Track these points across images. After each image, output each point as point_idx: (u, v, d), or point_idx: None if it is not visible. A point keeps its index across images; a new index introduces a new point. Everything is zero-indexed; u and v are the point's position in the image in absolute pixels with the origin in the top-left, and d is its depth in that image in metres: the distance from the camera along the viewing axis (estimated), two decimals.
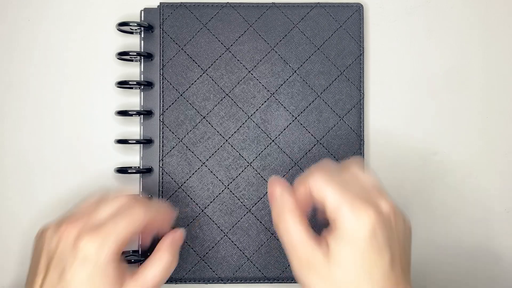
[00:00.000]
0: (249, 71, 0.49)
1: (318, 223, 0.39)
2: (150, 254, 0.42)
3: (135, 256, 0.48)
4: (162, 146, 0.48)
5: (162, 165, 0.48)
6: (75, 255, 0.38)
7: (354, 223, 0.36)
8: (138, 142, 0.48)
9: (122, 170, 0.48)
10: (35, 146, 0.50)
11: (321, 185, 0.38)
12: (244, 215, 0.48)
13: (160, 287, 0.41)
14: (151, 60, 0.49)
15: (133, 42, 0.50)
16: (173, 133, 0.48)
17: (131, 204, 0.41)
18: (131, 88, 0.49)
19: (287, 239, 0.38)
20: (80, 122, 0.50)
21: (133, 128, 0.50)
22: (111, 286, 0.38)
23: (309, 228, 0.38)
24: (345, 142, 0.49)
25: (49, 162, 0.50)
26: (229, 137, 0.49)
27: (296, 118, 0.49)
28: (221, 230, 0.48)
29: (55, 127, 0.50)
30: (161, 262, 0.41)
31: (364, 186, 0.39)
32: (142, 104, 0.49)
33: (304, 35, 0.49)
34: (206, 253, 0.48)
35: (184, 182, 0.48)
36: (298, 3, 0.49)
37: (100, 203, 0.42)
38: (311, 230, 0.38)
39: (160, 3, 0.49)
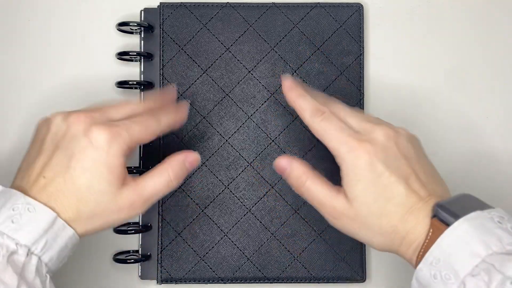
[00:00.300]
0: (249, 71, 0.49)
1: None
2: None
3: (135, 256, 0.48)
4: (162, 146, 0.48)
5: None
6: (86, 142, 0.38)
7: (352, 161, 0.38)
8: None
9: None
10: None
11: (324, 130, 0.40)
12: (244, 215, 0.48)
13: (156, 200, 0.41)
14: (151, 60, 0.49)
15: (133, 42, 0.50)
16: (173, 133, 0.48)
17: (144, 113, 0.41)
18: (131, 88, 0.49)
19: (312, 199, 0.41)
20: None
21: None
22: (113, 180, 0.38)
23: (326, 181, 0.41)
24: None
25: None
26: (229, 137, 0.49)
27: (296, 118, 0.49)
28: (221, 230, 0.48)
29: None
30: (162, 177, 0.40)
31: (355, 121, 0.41)
32: None
33: (304, 35, 0.49)
34: (206, 253, 0.48)
35: (184, 182, 0.48)
36: (298, 3, 0.49)
37: (114, 105, 0.41)
38: (328, 183, 0.40)
39: (160, 3, 0.49)
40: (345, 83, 0.49)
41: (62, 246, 0.37)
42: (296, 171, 0.41)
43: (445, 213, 0.36)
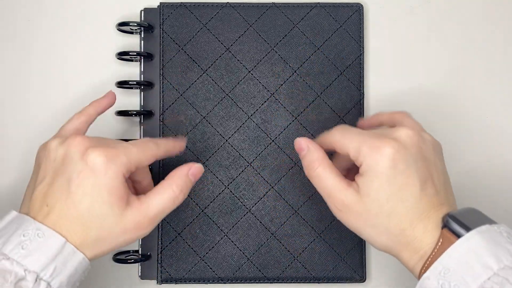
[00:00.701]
0: (249, 71, 0.49)
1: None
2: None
3: (135, 256, 0.48)
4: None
5: (162, 165, 0.48)
6: (83, 165, 0.37)
7: (374, 157, 0.38)
8: None
9: None
10: (34, 147, 0.50)
11: (340, 137, 0.40)
12: (244, 215, 0.48)
13: (163, 217, 0.40)
14: (151, 60, 0.49)
15: (133, 42, 0.50)
16: (173, 133, 0.48)
17: (142, 139, 0.41)
18: (131, 88, 0.49)
19: (321, 186, 0.40)
20: None
21: (133, 128, 0.50)
22: (115, 202, 0.38)
23: (340, 175, 0.40)
24: None
25: None
26: (229, 137, 0.49)
27: (296, 118, 0.49)
28: (221, 230, 0.48)
29: (55, 127, 0.50)
30: (167, 193, 0.40)
31: (379, 128, 0.41)
32: (142, 104, 0.49)
33: (304, 35, 0.49)
34: (206, 253, 0.48)
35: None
36: (298, 3, 0.49)
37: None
38: (341, 175, 0.40)
39: (160, 3, 0.49)
40: (345, 83, 0.49)
41: (72, 271, 0.37)
42: (311, 155, 0.41)
43: (457, 224, 0.36)
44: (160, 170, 0.48)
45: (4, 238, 0.36)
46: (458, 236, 0.36)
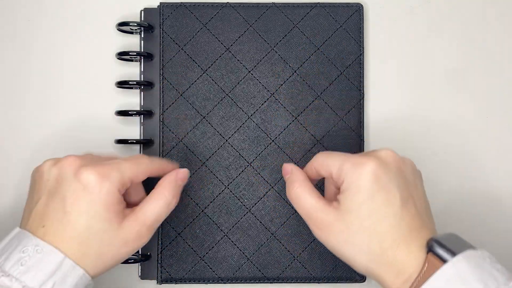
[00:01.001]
0: (249, 71, 0.49)
1: None
2: None
3: (135, 256, 0.48)
4: (162, 146, 0.48)
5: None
6: (76, 184, 0.38)
7: (357, 172, 0.38)
8: (138, 142, 0.48)
9: None
10: (34, 146, 0.50)
11: (324, 159, 0.41)
12: (244, 215, 0.48)
13: (159, 223, 0.41)
14: (151, 60, 0.49)
15: (133, 42, 0.50)
16: (173, 133, 0.48)
17: (136, 155, 0.42)
18: (131, 88, 0.49)
19: (300, 206, 0.41)
20: (81, 122, 0.50)
21: (133, 128, 0.50)
22: (112, 217, 0.38)
23: (319, 195, 0.41)
24: (345, 142, 0.49)
25: None
26: (229, 137, 0.49)
27: (296, 118, 0.49)
28: (221, 230, 0.48)
29: (55, 127, 0.50)
30: (160, 199, 0.41)
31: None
32: (142, 104, 0.49)
33: (304, 35, 0.49)
34: (206, 253, 0.48)
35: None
36: (298, 3, 0.49)
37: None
38: (321, 197, 0.41)
39: (160, 3, 0.49)
40: (345, 83, 0.49)
41: (72, 286, 0.37)
42: (293, 177, 0.42)
43: (442, 248, 0.36)
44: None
45: (6, 255, 0.37)
46: (444, 260, 0.36)
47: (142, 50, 0.49)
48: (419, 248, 0.37)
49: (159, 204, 0.40)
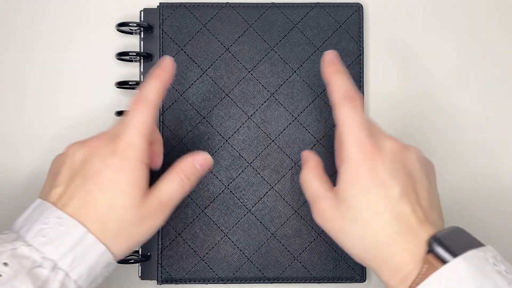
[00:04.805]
0: (249, 71, 0.49)
1: None
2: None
3: (135, 256, 0.48)
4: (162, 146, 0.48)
5: (162, 165, 0.48)
6: (101, 164, 0.38)
7: (358, 163, 0.38)
8: None
9: None
10: (33, 147, 0.50)
11: (351, 121, 0.39)
12: (244, 215, 0.48)
13: (173, 205, 0.40)
14: (151, 60, 0.49)
15: (133, 43, 0.50)
16: (173, 133, 0.48)
17: (129, 113, 0.40)
18: (131, 88, 0.49)
19: (306, 192, 0.42)
20: (81, 123, 0.50)
21: None
22: (137, 193, 0.38)
23: (324, 181, 0.41)
24: None
25: (48, 164, 0.49)
26: (229, 137, 0.49)
27: (296, 118, 0.49)
28: (221, 230, 0.48)
29: (55, 127, 0.50)
30: (176, 180, 0.40)
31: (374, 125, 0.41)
32: None
33: (304, 35, 0.49)
34: (206, 253, 0.48)
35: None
36: (298, 3, 0.49)
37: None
38: (325, 183, 0.40)
39: (160, 3, 0.49)
40: None
41: (92, 263, 0.37)
42: (308, 163, 0.42)
43: (442, 248, 0.35)
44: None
45: (28, 226, 0.36)
46: (444, 261, 0.34)
47: (142, 51, 0.49)
48: (417, 246, 0.36)
49: (173, 185, 0.40)
